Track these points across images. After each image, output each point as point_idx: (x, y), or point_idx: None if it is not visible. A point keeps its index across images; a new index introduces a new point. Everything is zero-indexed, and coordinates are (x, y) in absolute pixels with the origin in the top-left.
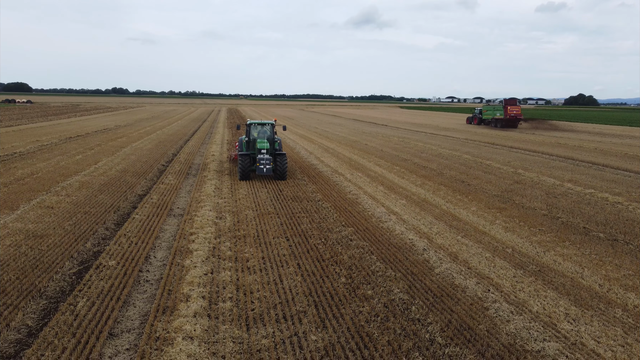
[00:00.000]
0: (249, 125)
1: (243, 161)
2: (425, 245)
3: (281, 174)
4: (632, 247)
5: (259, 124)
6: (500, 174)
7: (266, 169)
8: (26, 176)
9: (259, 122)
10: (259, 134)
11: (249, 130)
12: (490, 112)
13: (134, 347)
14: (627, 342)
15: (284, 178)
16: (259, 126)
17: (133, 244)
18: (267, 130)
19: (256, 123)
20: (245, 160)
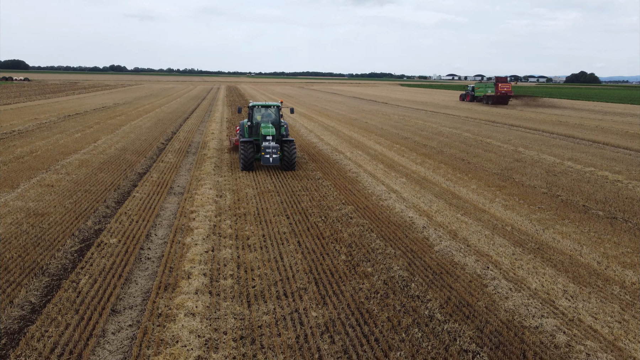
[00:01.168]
0: (252, 108)
1: (246, 149)
2: (425, 223)
3: (289, 164)
4: (631, 224)
5: (263, 106)
6: (500, 152)
7: (272, 158)
8: (25, 154)
9: (263, 104)
10: (263, 118)
11: (251, 113)
12: (482, 89)
13: (136, 323)
14: (624, 319)
15: (292, 168)
16: (262, 109)
17: (134, 222)
18: (272, 114)
19: (260, 105)
20: (248, 148)
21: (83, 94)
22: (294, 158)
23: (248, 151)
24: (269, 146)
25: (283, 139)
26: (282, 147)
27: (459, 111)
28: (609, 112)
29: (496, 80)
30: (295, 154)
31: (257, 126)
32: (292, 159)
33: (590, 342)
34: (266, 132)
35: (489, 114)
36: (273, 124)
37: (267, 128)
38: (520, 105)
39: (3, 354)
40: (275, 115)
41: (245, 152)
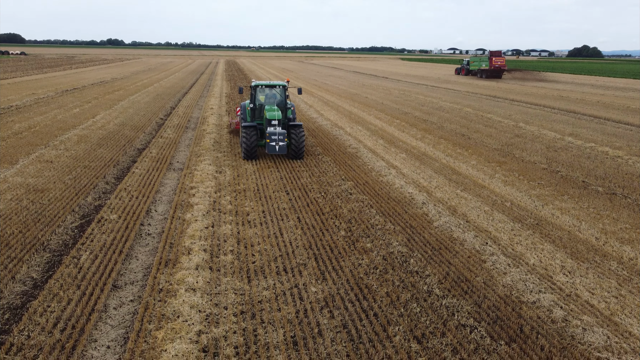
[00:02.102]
0: (255, 88)
1: (248, 135)
2: (424, 199)
3: (297, 152)
4: (630, 200)
5: (267, 85)
6: (501, 128)
7: (279, 146)
8: (24, 130)
9: (267, 84)
10: (267, 99)
11: (254, 94)
12: (476, 63)
13: (137, 298)
14: (620, 294)
15: (300, 157)
16: (266, 89)
17: (134, 197)
18: (278, 94)
19: (263, 85)
20: (250, 134)
21: (80, 69)
22: (303, 145)
23: (251, 137)
24: (274, 132)
25: (290, 123)
26: (288, 133)
27: (460, 86)
28: (611, 87)
29: (490, 55)
30: (304, 141)
31: (261, 109)
32: (300, 146)
33: (587, 316)
34: (271, 115)
35: (490, 89)
36: (278, 106)
37: (272, 111)
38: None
39: (6, 329)
40: (281, 96)
41: (247, 138)
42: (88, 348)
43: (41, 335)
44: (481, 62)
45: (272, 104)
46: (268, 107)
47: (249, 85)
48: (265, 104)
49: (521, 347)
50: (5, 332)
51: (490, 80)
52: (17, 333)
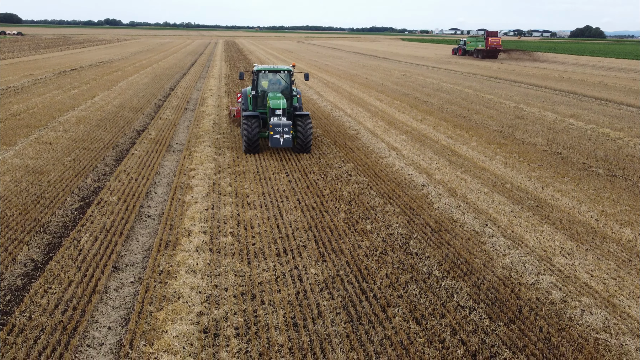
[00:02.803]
0: (257, 73)
1: (249, 126)
2: (424, 181)
3: (303, 145)
4: (631, 182)
5: (271, 70)
6: (501, 109)
7: (284, 139)
8: (22, 111)
9: (271, 69)
10: (270, 86)
11: (256, 79)
12: (473, 44)
13: (138, 280)
14: (619, 275)
15: (307, 150)
16: (270, 74)
17: (133, 179)
18: (283, 80)
19: (267, 70)
20: (252, 124)
21: (78, 49)
22: (310, 138)
23: (252, 128)
24: (278, 123)
25: (296, 112)
26: (294, 124)
27: (461, 67)
28: (613, 67)
29: (486, 35)
30: (311, 133)
31: (264, 96)
32: (307, 139)
33: (586, 298)
34: (275, 104)
35: (491, 70)
36: (283, 93)
37: (276, 99)
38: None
39: (7, 310)
40: (286, 83)
41: (248, 129)
42: (89, 329)
43: (42, 317)
44: (477, 42)
45: (276, 91)
46: (272, 94)
47: (250, 69)
48: (269, 91)
49: (520, 328)
50: (7, 313)
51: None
52: (19, 314)
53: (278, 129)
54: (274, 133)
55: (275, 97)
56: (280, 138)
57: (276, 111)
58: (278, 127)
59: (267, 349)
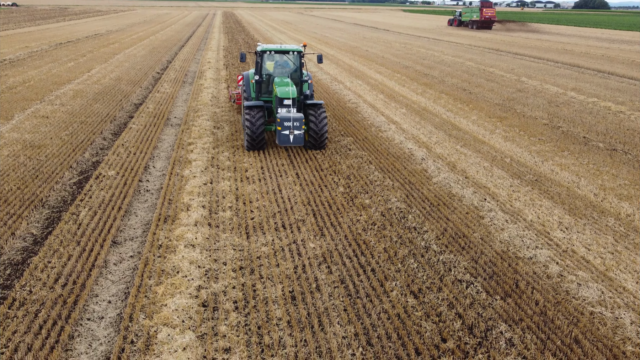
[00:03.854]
0: (261, 54)
1: (253, 119)
2: (424, 155)
3: (317, 141)
4: (631, 156)
5: (278, 51)
6: (503, 82)
7: (294, 136)
8: (18, 84)
9: (277, 49)
10: (277, 69)
11: (260, 62)
12: (468, 15)
13: (137, 254)
14: (616, 250)
15: (321, 147)
16: (276, 55)
17: (131, 154)
18: (291, 62)
19: (272, 50)
20: (255, 116)
21: (74, 21)
22: (325, 132)
23: (256, 121)
24: (288, 117)
25: (307, 102)
26: (305, 115)
27: (462, 39)
28: (617, 40)
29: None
30: (326, 126)
31: (269, 82)
32: (321, 133)
33: (582, 272)
34: (283, 93)
35: (493, 42)
36: (292, 78)
37: (284, 86)
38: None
39: (8, 284)
40: (296, 65)
41: (252, 122)
42: (89, 303)
43: (43, 291)
44: (472, 13)
45: (283, 76)
46: (278, 79)
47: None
48: (275, 76)
49: (516, 301)
50: (7, 287)
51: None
52: (19, 288)
53: (287, 123)
54: (283, 128)
55: (283, 83)
56: (290, 135)
57: (284, 101)
58: (287, 121)
59: (266, 322)
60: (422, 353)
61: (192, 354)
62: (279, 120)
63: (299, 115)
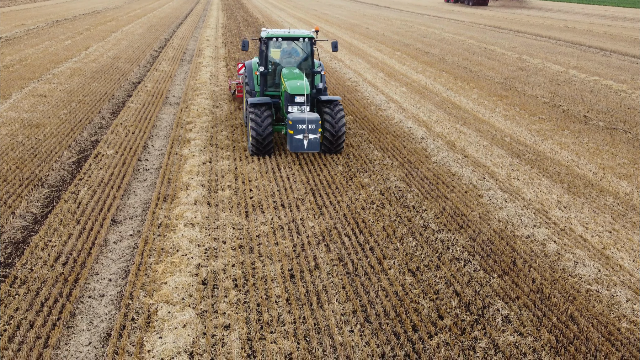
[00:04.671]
0: (266, 42)
1: (259, 118)
2: (423, 134)
3: (334, 144)
4: (630, 135)
5: (285, 38)
6: (504, 60)
7: (309, 141)
8: (15, 63)
9: (285, 35)
10: (284, 58)
11: (265, 50)
12: None
13: (137, 233)
14: (614, 228)
15: (338, 150)
16: (284, 43)
17: (130, 132)
18: (301, 51)
19: (279, 37)
20: (262, 116)
21: None
22: (343, 134)
23: (263, 121)
24: (301, 118)
25: (321, 98)
26: (319, 113)
27: (464, 16)
28: (620, 17)
29: None
30: (344, 127)
31: (276, 73)
32: (338, 135)
33: (579, 250)
34: (295, 89)
35: (494, 20)
36: (302, 69)
37: (294, 80)
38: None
39: (9, 263)
40: (306, 54)
41: (258, 123)
42: (90, 281)
43: (44, 269)
44: None
45: (292, 66)
46: (287, 71)
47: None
48: (283, 66)
49: (513, 279)
50: (9, 265)
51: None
52: (20, 267)
53: (301, 126)
54: (295, 132)
55: (293, 75)
56: (304, 140)
57: (296, 98)
58: (301, 123)
59: (265, 300)
60: (420, 330)
61: (192, 330)
62: (291, 122)
63: (314, 116)
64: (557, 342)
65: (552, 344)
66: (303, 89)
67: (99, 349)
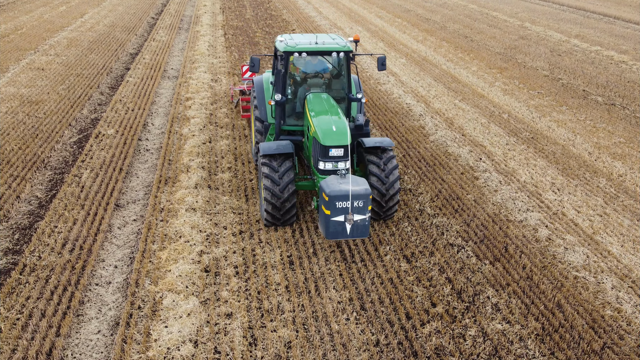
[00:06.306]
0: (286, 57)
1: (275, 175)
2: (422, 111)
3: (383, 207)
4: (628, 112)
5: (312, 52)
6: (505, 28)
7: (354, 225)
8: (10, 32)
9: (312, 49)
10: (309, 78)
11: (282, 70)
12: None
13: (140, 217)
14: (605, 212)
15: (388, 216)
16: (309, 61)
17: (130, 110)
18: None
19: (305, 51)
20: (280, 170)
21: None
22: (396, 194)
23: (282, 177)
24: (343, 193)
25: (364, 142)
26: (360, 161)
27: None
28: None
29: None
30: (398, 183)
31: (297, 98)
32: (390, 196)
33: (570, 236)
34: (330, 137)
35: None
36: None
37: (326, 116)
38: None
39: (17, 249)
40: (342, 75)
41: (273, 181)
42: (97, 268)
43: (51, 256)
44: None
45: (320, 90)
46: (314, 99)
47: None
48: (308, 90)
49: (504, 266)
50: (17, 252)
51: None
52: (29, 254)
53: (342, 203)
54: (333, 212)
55: (323, 108)
56: (347, 223)
57: (332, 151)
58: (342, 200)
59: (265, 288)
60: (413, 318)
61: (196, 319)
62: (327, 197)
63: (362, 189)
64: (542, 330)
65: (538, 331)
66: (342, 137)
67: (108, 337)
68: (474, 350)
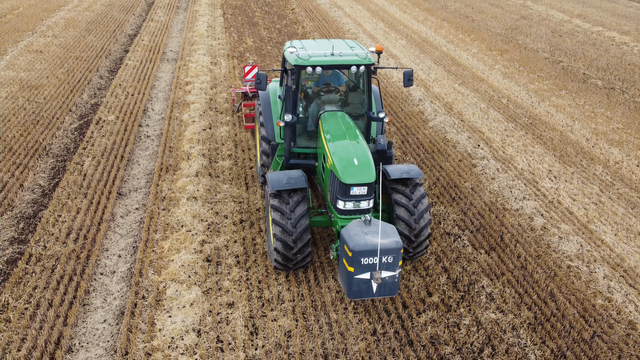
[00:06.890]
0: (297, 71)
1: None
2: (421, 95)
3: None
4: (627, 96)
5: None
6: (507, 8)
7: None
8: (7, 12)
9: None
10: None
11: (294, 86)
12: None
13: (142, 206)
14: (600, 200)
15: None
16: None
17: (129, 95)
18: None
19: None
20: (292, 207)
21: None
22: (426, 234)
23: (293, 215)
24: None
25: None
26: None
27: None
28: None
29: None
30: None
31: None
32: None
33: (565, 224)
34: (351, 173)
35: None
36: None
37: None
38: None
39: (23, 239)
40: (360, 88)
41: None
42: (101, 257)
43: (56, 246)
44: None
45: (336, 108)
46: (330, 119)
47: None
48: (321, 108)
49: (499, 255)
50: (23, 242)
51: None
52: (34, 244)
53: (368, 259)
54: (357, 269)
55: (340, 132)
56: (374, 282)
57: (353, 189)
58: (369, 255)
59: (265, 277)
60: (409, 307)
61: (199, 309)
62: (350, 253)
63: (392, 242)
64: (535, 319)
65: (530, 321)
66: (366, 173)
67: (114, 327)
68: (468, 339)
